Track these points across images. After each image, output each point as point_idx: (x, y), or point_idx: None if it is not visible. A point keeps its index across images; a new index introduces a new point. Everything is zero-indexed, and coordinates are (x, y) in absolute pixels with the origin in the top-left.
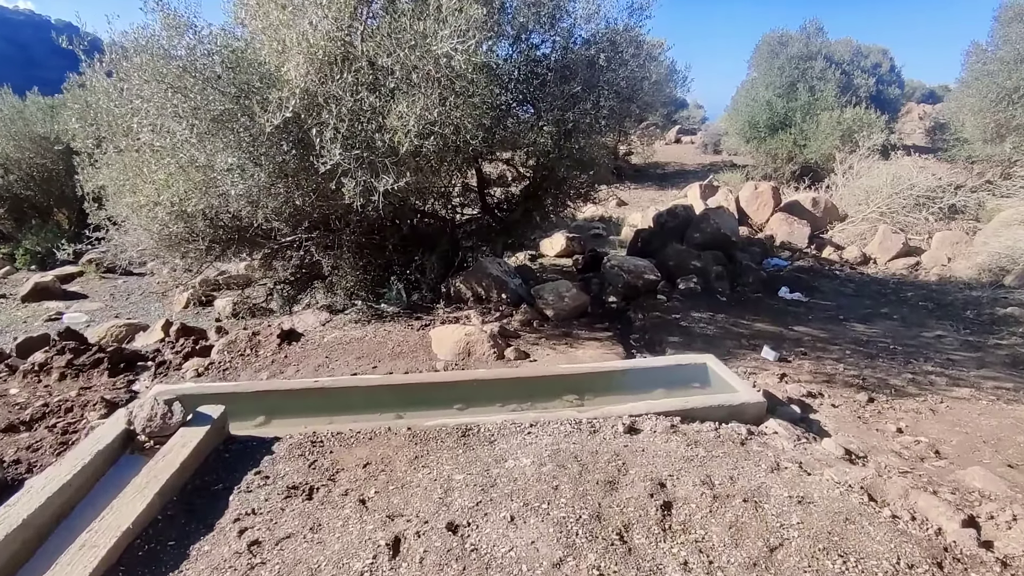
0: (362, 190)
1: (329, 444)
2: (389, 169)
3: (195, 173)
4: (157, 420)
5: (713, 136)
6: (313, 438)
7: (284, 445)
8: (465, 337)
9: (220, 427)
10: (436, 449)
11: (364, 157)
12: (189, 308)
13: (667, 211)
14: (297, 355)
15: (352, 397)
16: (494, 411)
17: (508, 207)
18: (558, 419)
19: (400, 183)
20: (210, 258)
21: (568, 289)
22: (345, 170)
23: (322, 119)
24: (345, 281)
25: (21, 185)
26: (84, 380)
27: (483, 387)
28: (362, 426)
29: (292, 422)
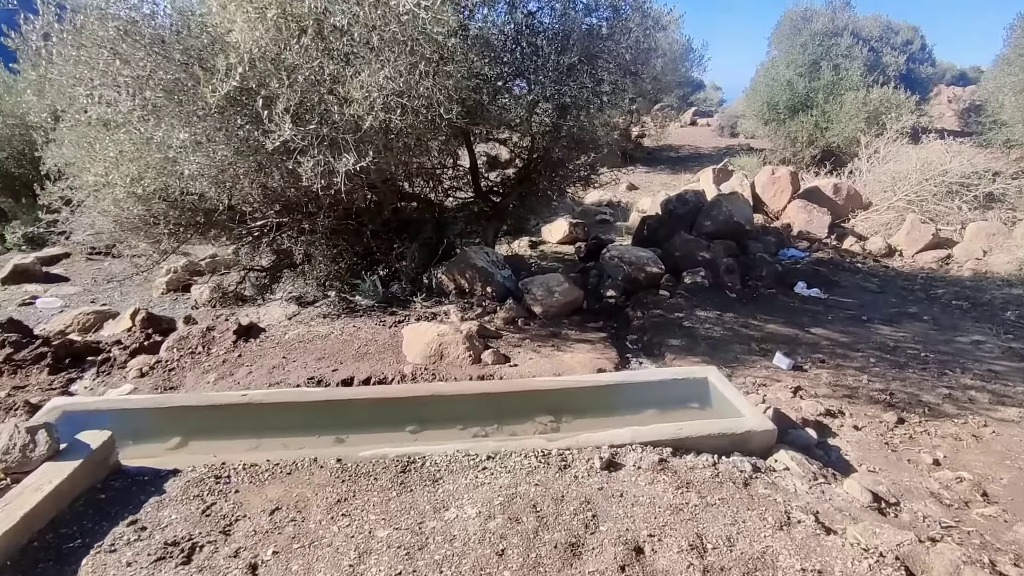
0: (323, 171)
1: (237, 480)
2: (351, 147)
3: (149, 150)
4: (15, 453)
5: (730, 118)
6: (219, 472)
7: (180, 481)
8: (438, 337)
9: (101, 459)
10: (366, 489)
11: (323, 133)
12: (168, 294)
13: (676, 197)
14: (253, 354)
15: (288, 415)
16: (452, 435)
17: (503, 191)
18: (522, 450)
19: (364, 163)
20: (175, 243)
21: (559, 283)
22: (299, 148)
23: (272, 89)
24: (318, 270)
25: (12, 163)
26: (21, 377)
27: (444, 404)
28: (285, 456)
29: (208, 447)
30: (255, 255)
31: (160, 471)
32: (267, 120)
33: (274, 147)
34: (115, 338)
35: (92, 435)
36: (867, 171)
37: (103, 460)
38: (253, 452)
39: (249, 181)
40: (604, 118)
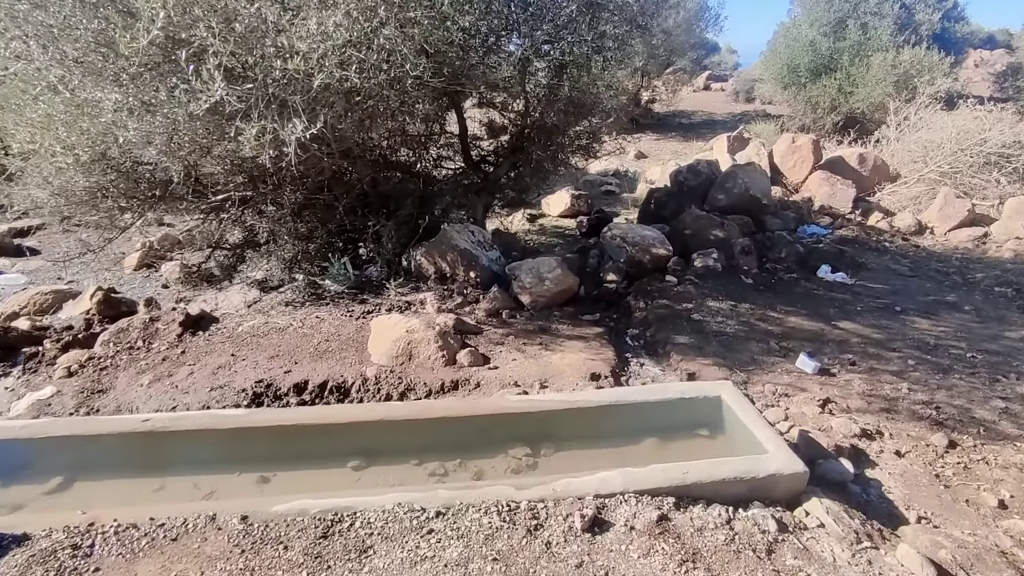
0: (271, 140)
1: (102, 551)
2: (300, 110)
3: (82, 114)
4: None
5: (746, 83)
6: (80, 538)
7: (22, 556)
8: (406, 334)
9: None
10: (269, 566)
11: (268, 94)
12: (140, 271)
13: (687, 167)
14: (198, 350)
15: (203, 445)
16: (403, 474)
17: (496, 161)
18: (482, 503)
19: (315, 130)
20: (132, 217)
21: (551, 269)
22: (238, 111)
23: (202, 39)
24: (284, 251)
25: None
26: None
27: (395, 430)
28: (175, 511)
29: (96, 489)
30: (220, 232)
31: (2, 538)
32: (194, 77)
33: (204, 110)
34: (68, 322)
35: None
36: (895, 140)
37: None
38: (150, 499)
39: (203, 150)
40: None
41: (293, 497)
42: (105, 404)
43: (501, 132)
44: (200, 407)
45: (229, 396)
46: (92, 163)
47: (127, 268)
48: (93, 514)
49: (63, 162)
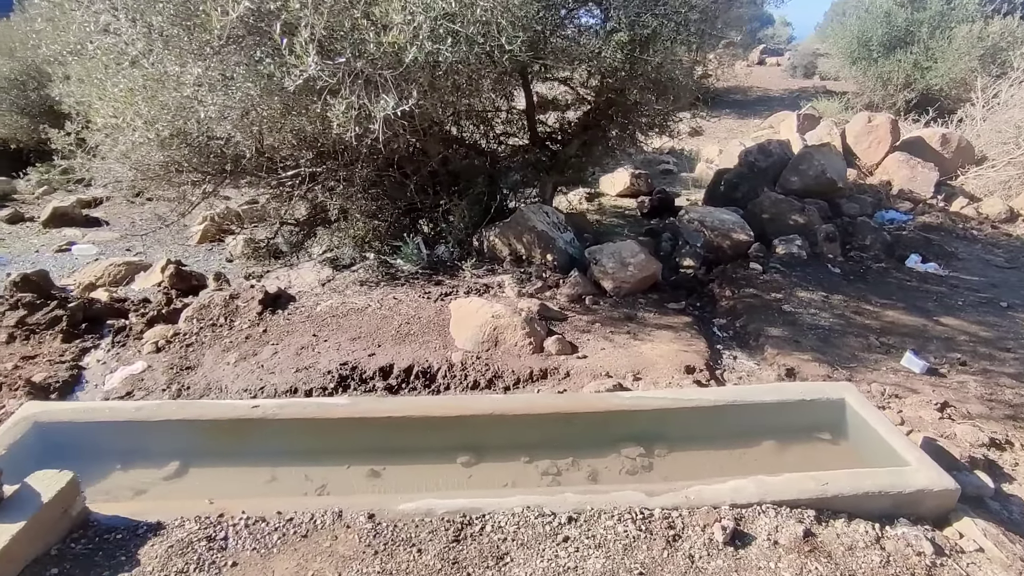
0: (357, 116)
1: (236, 544)
2: (390, 86)
3: (164, 88)
4: None
5: (804, 57)
6: (213, 530)
7: (161, 546)
8: (492, 320)
9: (58, 513)
10: (407, 570)
11: (356, 69)
12: (204, 244)
13: (758, 148)
14: (279, 329)
15: (310, 434)
16: (516, 473)
17: (563, 139)
18: (613, 509)
19: (407, 106)
20: (202, 193)
21: (633, 253)
22: (328, 87)
23: (293, 11)
24: (355, 228)
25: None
26: (34, 344)
27: (502, 425)
28: (300, 505)
29: (212, 476)
30: (289, 208)
31: (138, 526)
32: (287, 52)
33: (296, 86)
34: (143, 295)
35: (46, 479)
36: (981, 119)
37: (62, 513)
38: (265, 491)
39: (276, 125)
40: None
41: (417, 496)
42: (195, 382)
43: (568, 108)
44: (287, 388)
45: (315, 378)
46: (171, 138)
47: (191, 241)
48: (221, 504)
49: (143, 136)
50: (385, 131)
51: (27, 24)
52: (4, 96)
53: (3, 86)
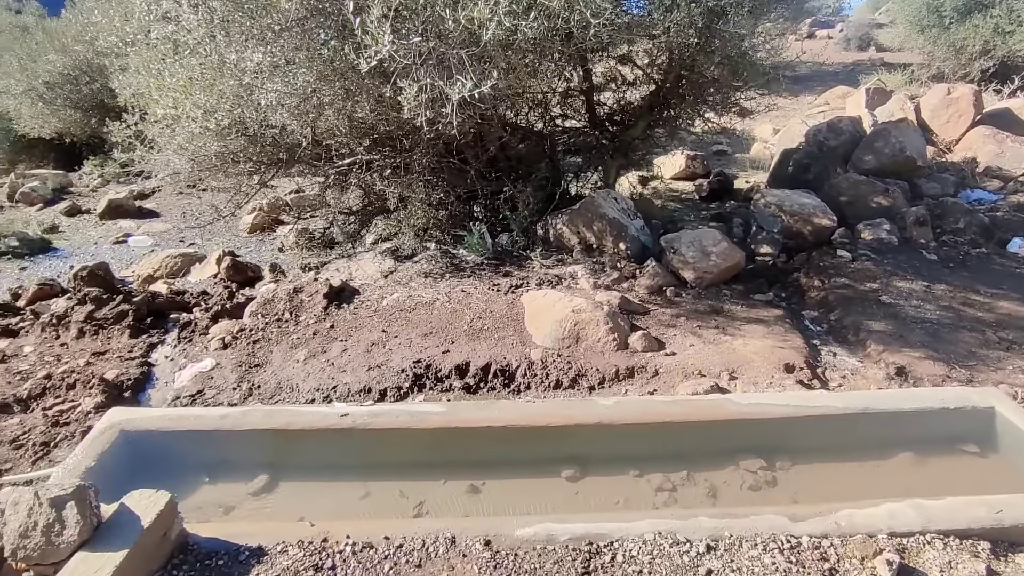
0: (428, 99)
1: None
2: (466, 67)
3: (222, 76)
4: (36, 536)
5: (859, 28)
6: (319, 557)
7: (268, 574)
8: (572, 315)
9: (158, 537)
10: None
11: (429, 49)
12: (254, 234)
13: (827, 125)
14: (347, 324)
15: (401, 445)
16: (628, 489)
17: (624, 120)
18: (755, 536)
19: (483, 88)
20: (257, 183)
21: (715, 241)
22: (400, 69)
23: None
24: (414, 217)
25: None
26: (102, 340)
27: (608, 435)
28: (408, 530)
29: (303, 492)
30: (343, 197)
31: (239, 551)
32: (360, 31)
33: (370, 67)
34: (201, 286)
35: (144, 500)
36: None
37: (162, 537)
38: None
39: (335, 111)
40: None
41: (535, 520)
42: (265, 380)
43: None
44: (360, 388)
45: (388, 377)
46: (228, 127)
47: (241, 232)
48: (322, 527)
49: (202, 126)
50: (458, 115)
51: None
52: (59, 91)
53: (57, 81)
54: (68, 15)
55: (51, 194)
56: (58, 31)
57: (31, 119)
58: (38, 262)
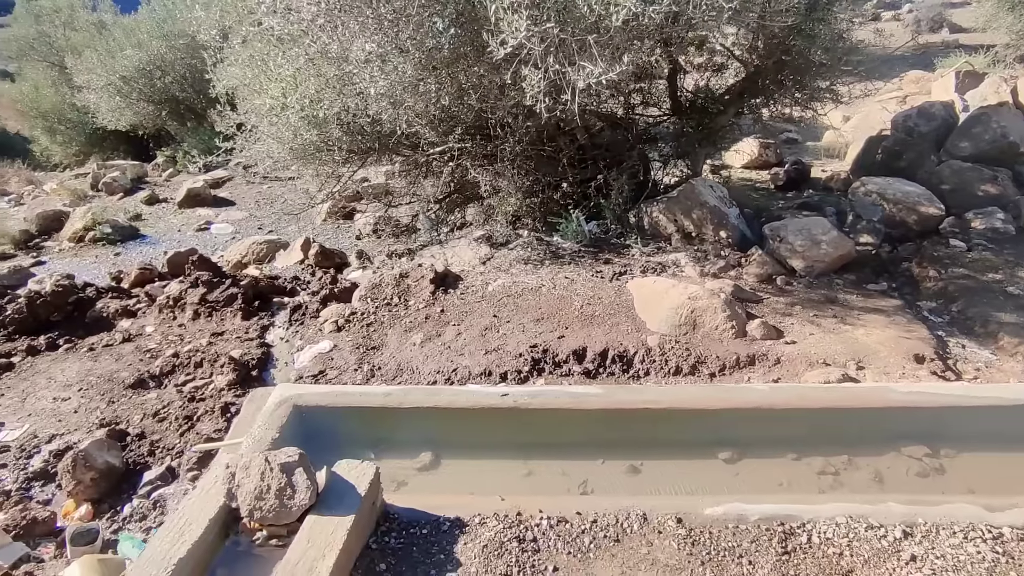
0: (547, 86)
1: (548, 547)
2: (592, 53)
3: (327, 67)
4: (271, 499)
5: (930, 9)
6: (519, 530)
7: (474, 545)
8: (689, 302)
9: (370, 506)
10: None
11: (555, 35)
12: (329, 221)
13: (917, 111)
14: (456, 309)
15: (557, 424)
16: (785, 469)
17: (710, 106)
18: (952, 524)
19: (611, 74)
20: (348, 169)
21: (825, 231)
22: (529, 56)
23: None
24: (507, 205)
25: (176, 87)
26: (217, 321)
27: (763, 419)
28: (598, 506)
29: (468, 469)
30: (430, 184)
31: (439, 520)
32: (493, 19)
33: (506, 53)
34: (289, 272)
35: (351, 470)
36: None
37: (372, 506)
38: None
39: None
40: None
41: (722, 499)
42: (384, 362)
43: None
44: (481, 371)
45: (507, 360)
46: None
47: (317, 220)
48: (513, 502)
49: (310, 114)
50: (581, 102)
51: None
52: (134, 85)
53: (133, 76)
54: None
55: (130, 184)
56: (133, 29)
57: (108, 112)
58: (130, 248)
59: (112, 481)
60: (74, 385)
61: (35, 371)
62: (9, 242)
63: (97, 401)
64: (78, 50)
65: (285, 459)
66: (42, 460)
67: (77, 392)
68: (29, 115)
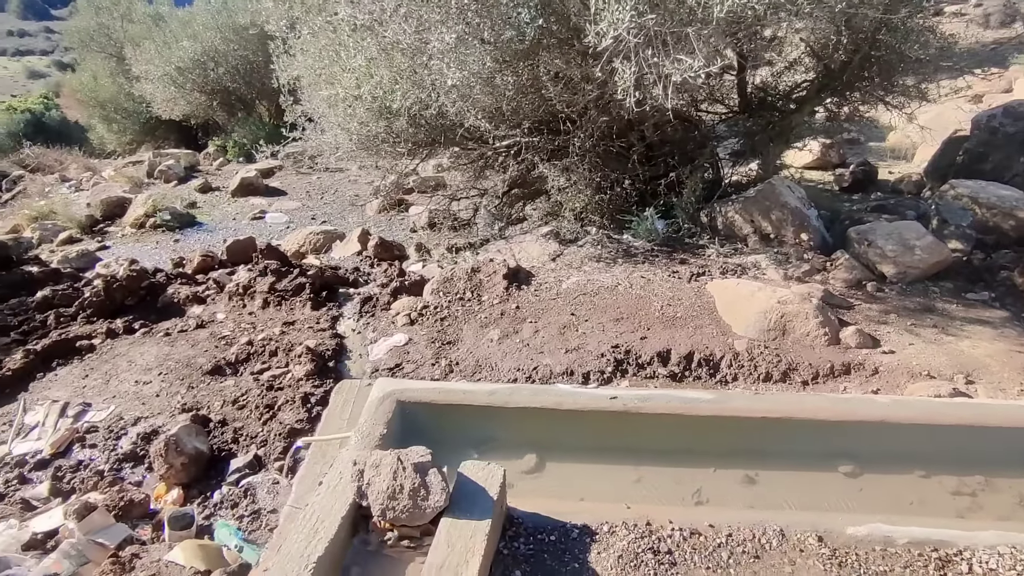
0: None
1: (684, 561)
2: (693, 45)
3: (400, 58)
4: (404, 499)
5: (1000, 2)
6: (651, 542)
7: (608, 556)
8: (778, 306)
9: (499, 512)
10: None
11: (651, 27)
12: (382, 213)
13: (1002, 110)
14: (531, 306)
15: (663, 429)
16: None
17: (781, 103)
18: None
19: (713, 67)
20: (412, 161)
21: (919, 235)
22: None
23: None
24: (575, 201)
25: (228, 78)
26: (286, 310)
27: (883, 432)
28: (732, 519)
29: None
30: (494, 178)
31: (566, 527)
32: (593, 9)
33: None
34: (347, 263)
35: (481, 471)
36: None
37: (500, 510)
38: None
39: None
40: None
41: (862, 519)
42: (461, 357)
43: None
44: (562, 371)
45: (588, 360)
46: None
47: (369, 211)
48: (640, 511)
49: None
50: (674, 98)
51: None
52: (188, 76)
53: (188, 67)
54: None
55: (183, 172)
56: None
57: (164, 102)
58: (188, 235)
59: (200, 466)
60: (154, 369)
61: (115, 353)
62: (76, 226)
63: (177, 386)
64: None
65: (418, 459)
66: (130, 442)
67: (157, 376)
68: (88, 104)
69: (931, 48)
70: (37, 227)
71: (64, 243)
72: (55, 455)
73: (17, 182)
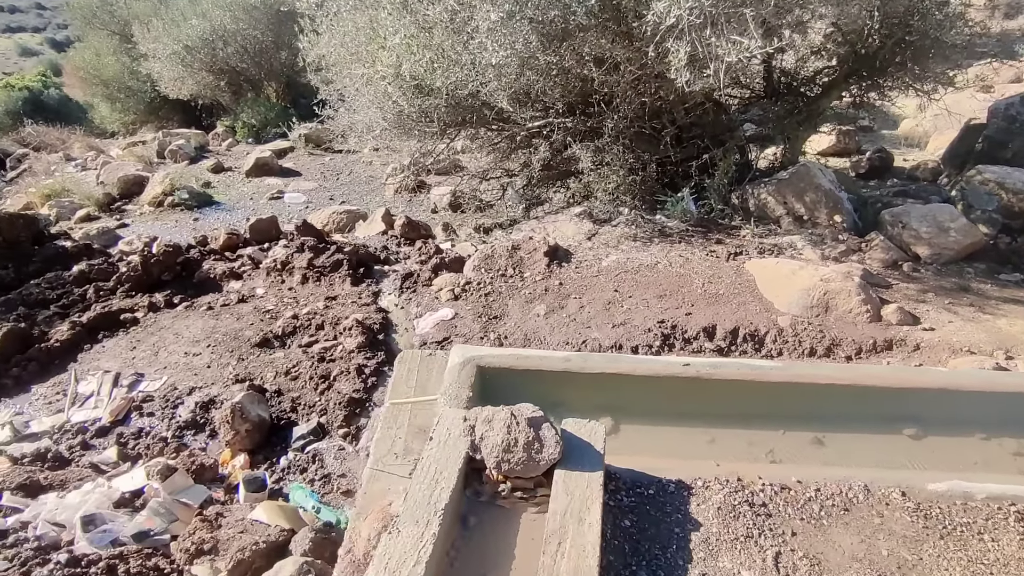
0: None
1: (780, 513)
2: (749, 26)
3: (441, 36)
4: (519, 452)
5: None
6: (745, 496)
7: (708, 507)
8: (821, 284)
9: (602, 464)
10: (991, 560)
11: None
12: (401, 193)
13: (1020, 99)
14: (574, 282)
15: (733, 394)
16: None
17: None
18: None
19: (769, 49)
20: (444, 142)
21: (953, 217)
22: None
23: None
24: (608, 182)
25: (237, 58)
26: (326, 285)
27: (944, 399)
28: (817, 475)
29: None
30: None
31: (662, 482)
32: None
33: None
34: (373, 242)
35: (583, 428)
36: None
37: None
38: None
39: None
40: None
41: (941, 475)
42: (509, 331)
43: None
44: (611, 344)
45: (636, 335)
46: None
47: (388, 192)
48: (728, 468)
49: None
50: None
51: None
52: (196, 55)
53: (197, 45)
54: None
55: (194, 152)
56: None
57: (171, 81)
58: (207, 213)
59: (263, 433)
60: (202, 341)
61: (160, 326)
62: (93, 204)
63: (227, 357)
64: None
65: (531, 413)
66: (188, 411)
67: (206, 348)
68: (91, 83)
69: (965, 34)
70: (54, 204)
71: (82, 220)
72: (114, 423)
73: (21, 160)
